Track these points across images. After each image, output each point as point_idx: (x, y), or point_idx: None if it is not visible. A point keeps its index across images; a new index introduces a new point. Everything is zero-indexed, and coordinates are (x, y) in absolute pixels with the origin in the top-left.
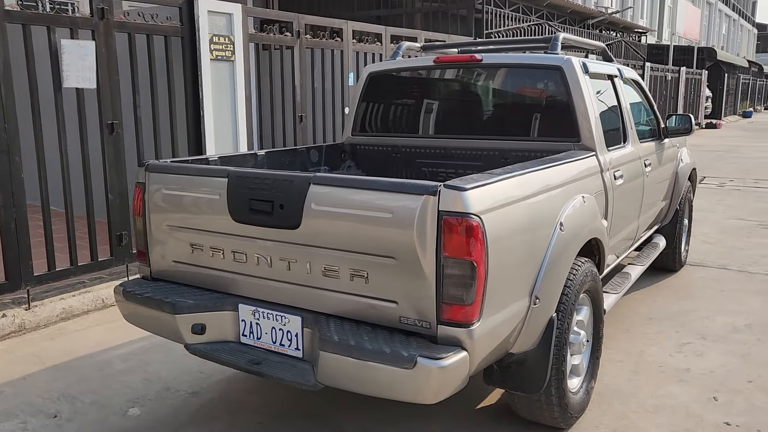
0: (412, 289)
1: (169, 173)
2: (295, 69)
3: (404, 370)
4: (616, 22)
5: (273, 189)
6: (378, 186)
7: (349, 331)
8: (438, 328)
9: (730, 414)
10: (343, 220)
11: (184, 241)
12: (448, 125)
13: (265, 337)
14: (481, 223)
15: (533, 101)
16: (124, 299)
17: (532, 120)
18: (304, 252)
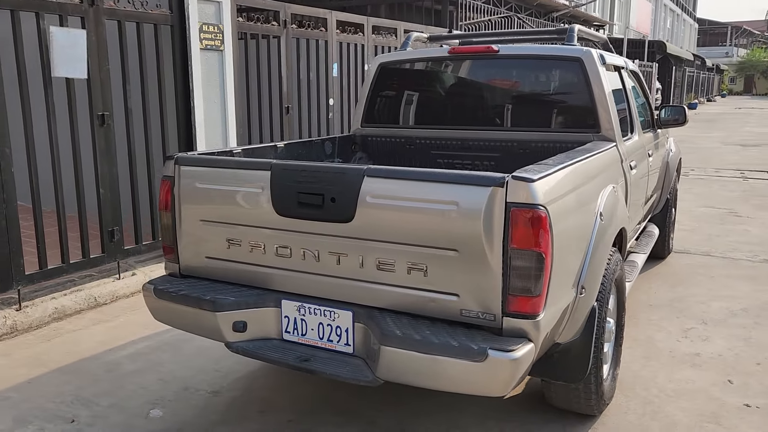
0: (476, 282)
1: (202, 166)
2: (282, 59)
3: (474, 363)
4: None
5: (324, 182)
6: (441, 178)
7: (409, 326)
8: (503, 320)
9: (747, 396)
10: (401, 212)
11: (219, 236)
12: (465, 116)
13: (311, 334)
14: (547, 214)
15: (552, 92)
16: (156, 297)
17: (551, 111)
18: (357, 246)
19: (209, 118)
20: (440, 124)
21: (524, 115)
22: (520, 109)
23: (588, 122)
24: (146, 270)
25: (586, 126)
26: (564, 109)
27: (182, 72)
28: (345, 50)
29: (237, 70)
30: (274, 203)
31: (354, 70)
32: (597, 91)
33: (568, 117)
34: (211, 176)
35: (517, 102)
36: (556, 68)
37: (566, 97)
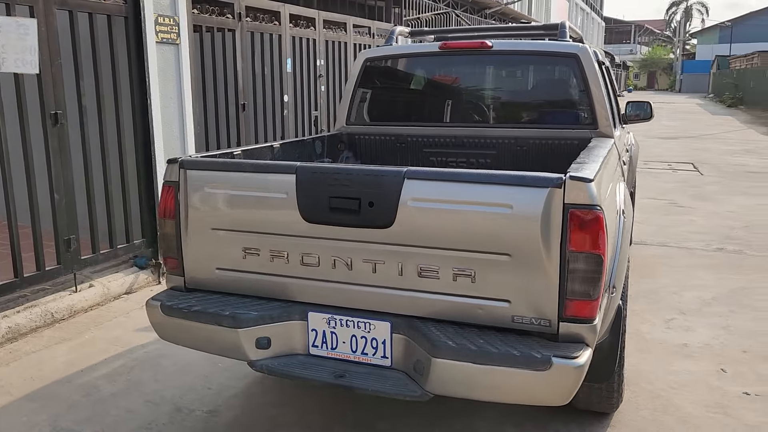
0: (530, 287)
1: (214, 170)
2: (237, 54)
3: (538, 373)
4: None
5: (360, 185)
6: (493, 179)
7: (459, 335)
8: (560, 325)
9: (745, 384)
10: (446, 216)
11: (234, 246)
12: (458, 113)
13: (342, 347)
14: (603, 214)
15: (548, 89)
16: (164, 314)
17: (548, 108)
18: (396, 252)
19: (166, 116)
20: (432, 122)
21: (520, 112)
22: (516, 106)
23: (585, 119)
24: (104, 281)
25: (584, 122)
26: (560, 105)
27: (138, 67)
28: (298, 45)
29: (193, 65)
30: (301, 209)
31: (306, 65)
32: (594, 87)
33: (565, 113)
34: (224, 181)
35: (513, 98)
36: (552, 64)
37: (562, 94)
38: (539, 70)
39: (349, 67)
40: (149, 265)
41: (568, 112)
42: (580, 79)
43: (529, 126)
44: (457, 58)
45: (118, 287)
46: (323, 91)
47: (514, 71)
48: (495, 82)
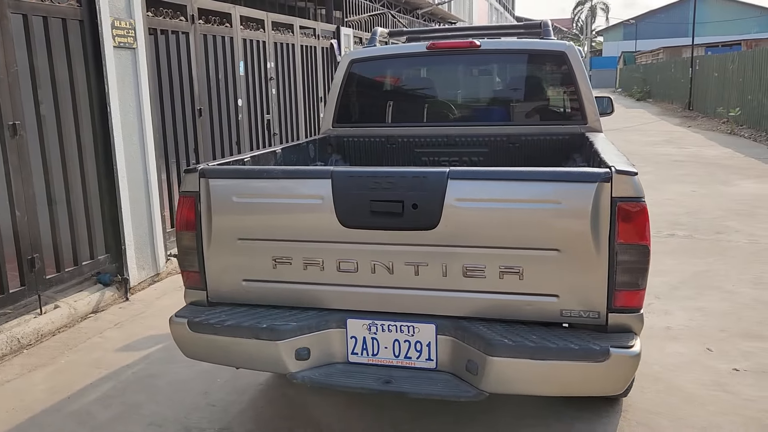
0: (579, 280)
1: (239, 178)
2: (192, 57)
3: (597, 364)
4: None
5: (403, 187)
6: (540, 176)
7: (511, 332)
8: (608, 316)
9: (732, 361)
10: (493, 215)
11: (263, 256)
12: (449, 113)
13: (384, 353)
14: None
15: (537, 86)
16: (193, 331)
17: (538, 104)
18: (441, 253)
19: (126, 124)
20: (423, 122)
21: (511, 110)
22: (506, 104)
23: (575, 114)
24: (70, 301)
25: (574, 118)
26: (550, 102)
27: (96, 73)
28: (249, 47)
29: (150, 70)
30: (339, 214)
31: (258, 68)
32: (582, 83)
33: (555, 110)
34: (253, 189)
35: (503, 96)
36: (540, 62)
37: (552, 91)
38: (528, 68)
39: (297, 69)
40: (114, 281)
41: (557, 109)
42: (568, 75)
43: (521, 123)
44: (445, 58)
45: (84, 307)
46: (274, 94)
47: (502, 70)
48: (484, 81)
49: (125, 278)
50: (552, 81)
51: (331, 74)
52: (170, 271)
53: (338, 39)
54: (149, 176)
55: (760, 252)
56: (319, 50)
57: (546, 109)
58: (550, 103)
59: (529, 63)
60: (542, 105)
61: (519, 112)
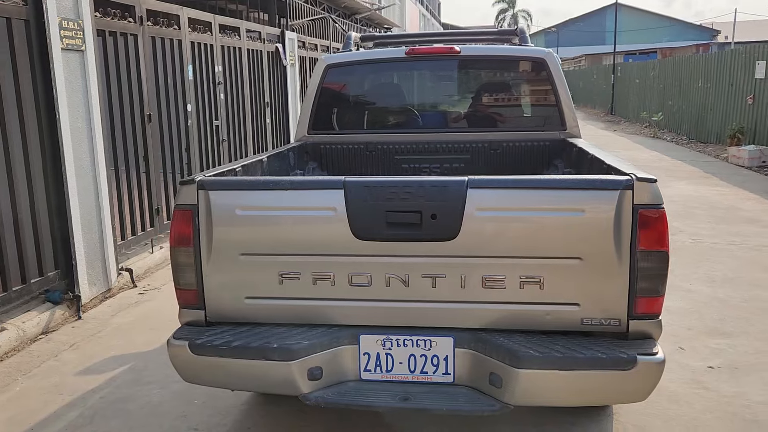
0: (600, 288)
1: (242, 190)
2: (141, 61)
3: (624, 372)
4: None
5: (421, 197)
6: (562, 184)
7: (532, 343)
8: (629, 323)
9: (705, 359)
10: (514, 224)
11: (268, 272)
12: (428, 119)
13: (399, 368)
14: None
15: (517, 92)
16: (195, 354)
17: (518, 111)
18: (459, 264)
19: (75, 130)
20: (402, 128)
21: (491, 116)
22: (486, 110)
23: (554, 121)
24: (17, 322)
25: (553, 124)
26: (530, 108)
27: (43, 77)
28: (197, 51)
29: (99, 70)
30: (353, 226)
31: (206, 72)
32: (561, 90)
33: (535, 116)
34: (257, 201)
35: (483, 103)
36: (520, 69)
37: (531, 97)
38: (508, 75)
39: (245, 74)
40: (64, 299)
41: (537, 115)
42: (548, 81)
43: (501, 129)
44: (424, 63)
45: (34, 327)
46: (222, 99)
47: (482, 76)
48: (464, 86)
49: (77, 295)
50: (532, 87)
51: (277, 79)
52: (122, 287)
53: (283, 43)
54: (100, 186)
55: (706, 251)
56: (265, 54)
57: (526, 115)
58: (530, 110)
59: (509, 69)
60: (522, 111)
61: (499, 119)
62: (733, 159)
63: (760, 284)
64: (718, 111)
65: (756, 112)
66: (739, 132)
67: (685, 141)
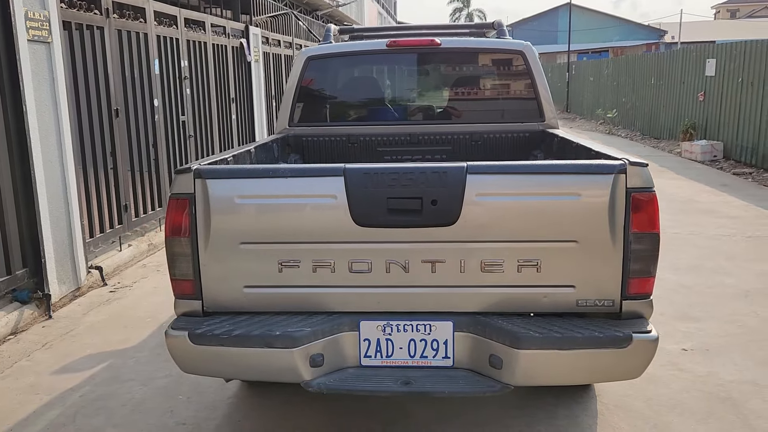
0: (595, 270)
1: (241, 178)
2: (107, 54)
3: (621, 350)
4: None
5: (422, 183)
6: (559, 169)
7: (531, 325)
8: (623, 303)
9: (679, 342)
10: (513, 208)
11: (267, 260)
12: (410, 111)
13: (399, 353)
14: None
15: (496, 84)
16: (195, 344)
17: (498, 103)
18: (459, 249)
19: (43, 125)
20: (384, 120)
21: (471, 108)
22: (467, 102)
23: (533, 112)
24: None
25: (531, 116)
26: (509, 100)
27: (9, 70)
28: (163, 45)
29: (67, 65)
30: (353, 213)
31: (172, 66)
32: (539, 82)
33: (515, 108)
34: (257, 189)
35: (464, 95)
36: (500, 61)
37: (511, 89)
38: (487, 67)
39: (210, 69)
40: (33, 298)
41: (516, 107)
42: (527, 74)
43: (482, 121)
44: (405, 56)
45: (2, 328)
46: (189, 94)
47: (463, 68)
48: (445, 78)
49: (47, 294)
50: (511, 79)
51: (242, 75)
52: (91, 285)
53: (247, 38)
54: (68, 181)
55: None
56: (230, 50)
57: (506, 107)
58: (508, 102)
59: (488, 62)
60: (502, 103)
61: (480, 110)
62: (686, 154)
63: (720, 271)
64: (671, 108)
65: (707, 109)
66: (692, 128)
67: (639, 137)
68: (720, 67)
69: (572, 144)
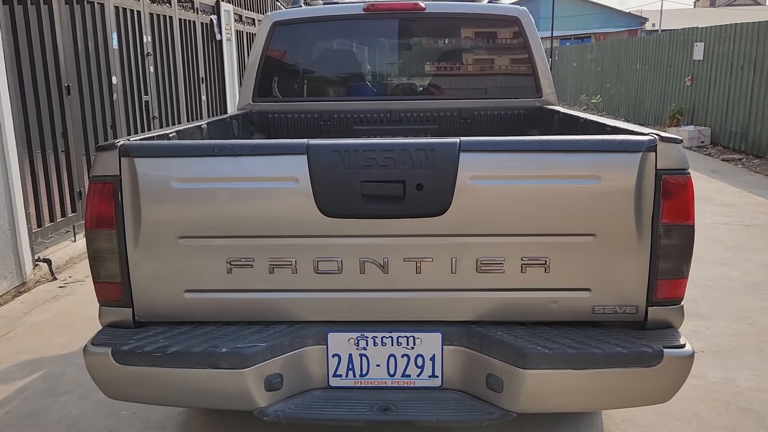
0: (616, 270)
1: (178, 157)
2: (57, 26)
3: (649, 370)
4: None
5: (404, 163)
6: (574, 146)
7: (539, 337)
8: (648, 310)
9: None
10: (517, 195)
11: (214, 258)
12: (390, 85)
13: (376, 372)
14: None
15: (488, 55)
16: (120, 364)
17: (490, 76)
18: (449, 245)
19: None
20: (362, 95)
21: (461, 82)
22: (455, 75)
23: (529, 87)
24: None
25: (527, 91)
26: (503, 73)
27: None
28: (123, 17)
29: (6, 41)
30: (319, 200)
31: (133, 42)
32: (536, 53)
33: (508, 82)
34: (199, 171)
35: (451, 66)
36: (491, 28)
37: (504, 61)
38: (478, 35)
39: (177, 46)
40: None
41: (510, 80)
42: (522, 44)
43: (472, 97)
44: (385, 22)
45: None
46: (152, 72)
47: (450, 36)
48: (430, 48)
49: None
50: (504, 49)
51: (213, 54)
52: (39, 279)
53: (218, 15)
54: (9, 167)
55: None
56: (199, 26)
57: (499, 80)
58: (502, 75)
59: (479, 29)
60: (494, 76)
61: (469, 84)
62: None
63: (724, 263)
64: (657, 93)
65: (694, 93)
66: (678, 113)
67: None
68: (708, 51)
69: (579, 120)
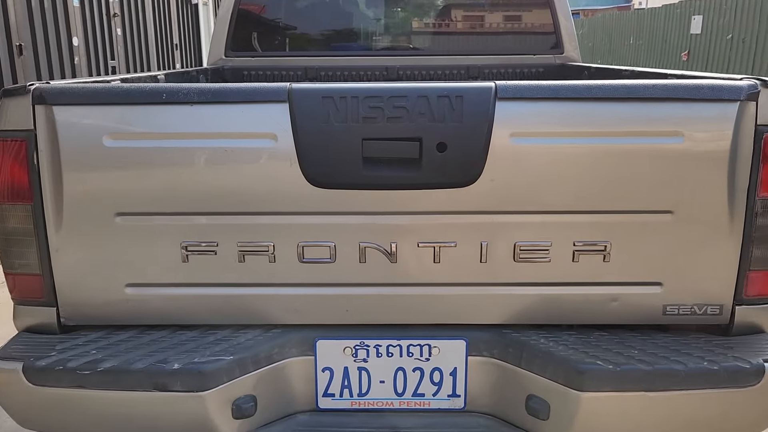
0: (698, 258)
1: (115, 105)
2: None
3: (746, 390)
4: None
5: (422, 115)
6: (648, 93)
7: (596, 347)
8: (735, 311)
9: None
10: (570, 159)
11: (164, 242)
12: (388, 38)
13: (380, 390)
14: None
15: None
16: (34, 384)
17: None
18: (479, 225)
19: None
20: (353, 50)
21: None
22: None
23: (549, 42)
24: None
25: (548, 46)
26: (519, 27)
27: None
28: None
29: None
30: (305, 164)
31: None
32: (559, 3)
33: (525, 37)
34: (140, 124)
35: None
36: None
37: (521, 13)
38: None
39: (147, 7)
40: None
41: (527, 35)
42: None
43: (482, 53)
44: None
45: None
46: (120, 35)
47: None
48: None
49: None
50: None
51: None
52: None
53: None
54: None
55: None
56: None
57: (514, 34)
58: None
59: None
60: (509, 29)
61: (480, 39)
62: None
63: None
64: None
65: (691, 69)
66: None
67: None
68: (707, 24)
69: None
